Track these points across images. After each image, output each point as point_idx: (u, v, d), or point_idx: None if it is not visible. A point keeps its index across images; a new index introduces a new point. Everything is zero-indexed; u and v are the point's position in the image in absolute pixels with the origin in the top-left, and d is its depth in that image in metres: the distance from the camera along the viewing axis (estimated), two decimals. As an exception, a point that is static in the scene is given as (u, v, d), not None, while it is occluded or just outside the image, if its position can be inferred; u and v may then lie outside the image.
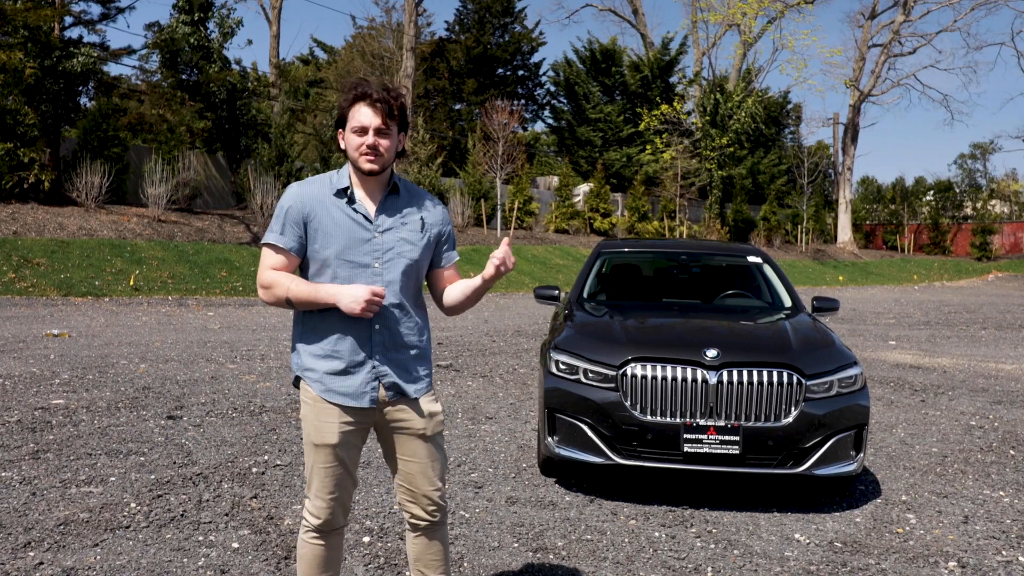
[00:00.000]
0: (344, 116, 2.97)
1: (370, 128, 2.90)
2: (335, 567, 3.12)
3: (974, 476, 6.05)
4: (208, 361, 10.12)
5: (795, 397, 4.97)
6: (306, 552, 3.06)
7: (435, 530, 3.12)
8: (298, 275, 3.00)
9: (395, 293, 2.98)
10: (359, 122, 2.91)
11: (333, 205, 2.97)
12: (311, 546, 3.04)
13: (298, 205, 2.96)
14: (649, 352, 5.10)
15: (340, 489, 3.00)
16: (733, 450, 4.93)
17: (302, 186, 3.03)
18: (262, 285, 2.96)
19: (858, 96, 46.06)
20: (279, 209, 3.00)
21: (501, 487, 5.43)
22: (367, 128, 2.90)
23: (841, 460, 5.09)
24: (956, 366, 11.92)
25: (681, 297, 7.06)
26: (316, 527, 3.01)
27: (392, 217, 3.03)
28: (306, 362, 2.99)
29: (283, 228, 2.96)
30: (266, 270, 2.95)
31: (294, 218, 2.96)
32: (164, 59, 23.42)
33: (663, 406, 5.00)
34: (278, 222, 2.98)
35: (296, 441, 6.41)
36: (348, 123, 2.95)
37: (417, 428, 3.02)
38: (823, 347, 5.38)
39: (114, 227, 19.39)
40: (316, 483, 2.98)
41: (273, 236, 2.96)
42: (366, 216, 2.99)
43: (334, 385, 2.95)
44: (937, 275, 42.68)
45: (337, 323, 2.92)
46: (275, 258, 2.96)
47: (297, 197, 2.98)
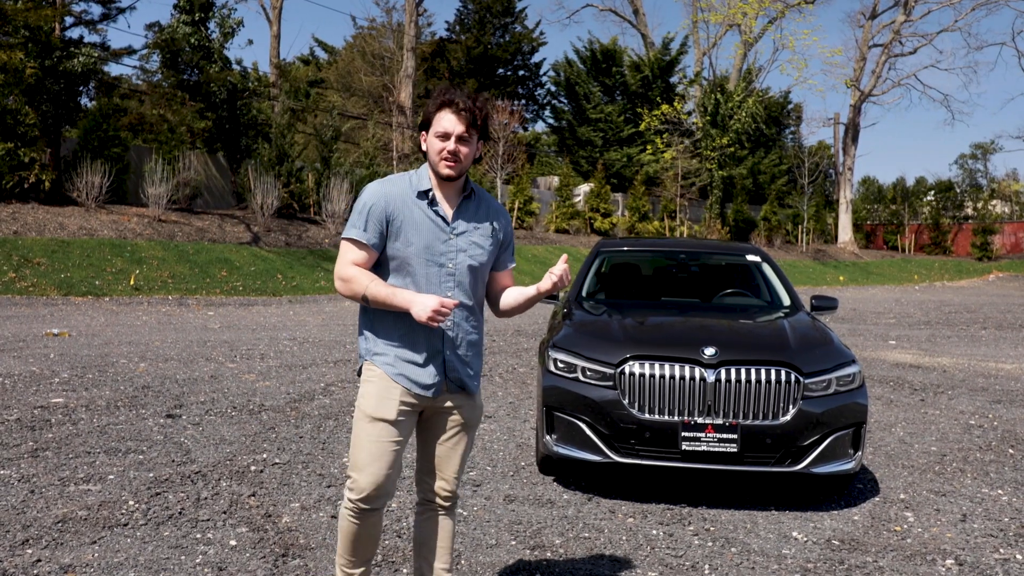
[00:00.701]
0: (429, 120, 3.09)
1: (453, 135, 3.02)
2: (372, 546, 3.22)
3: (972, 475, 6.05)
4: (208, 360, 10.12)
5: (793, 395, 4.97)
6: (347, 527, 3.15)
7: (447, 513, 3.29)
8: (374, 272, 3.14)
9: (465, 293, 3.16)
10: (443, 128, 3.04)
11: (415, 205, 3.11)
12: (350, 522, 3.13)
13: (381, 203, 3.09)
14: (647, 350, 5.10)
15: (389, 466, 3.07)
16: (731, 448, 4.93)
17: (383, 185, 3.15)
18: (341, 277, 3.07)
19: (859, 96, 46.05)
20: (361, 205, 3.10)
21: (499, 485, 5.43)
22: (450, 134, 3.03)
23: (839, 458, 5.09)
24: (956, 365, 11.92)
25: (680, 296, 7.06)
26: (359, 500, 3.08)
27: (468, 221, 3.18)
28: (377, 348, 3.13)
29: (366, 224, 3.07)
30: (347, 264, 3.08)
31: (377, 215, 3.08)
32: (165, 59, 23.43)
33: (661, 404, 5.00)
34: (360, 218, 3.08)
35: (295, 439, 6.41)
36: (432, 127, 3.07)
37: (464, 418, 3.23)
38: (821, 345, 5.38)
39: (114, 227, 19.40)
40: (364, 457, 3.06)
41: (356, 231, 3.08)
42: (444, 218, 3.13)
43: (406, 371, 3.10)
44: (938, 275, 42.68)
45: (412, 318, 3.02)
46: (356, 253, 3.09)
47: (380, 195, 3.10)
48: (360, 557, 3.21)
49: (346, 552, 3.20)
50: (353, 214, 3.11)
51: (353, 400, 8.08)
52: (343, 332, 13.48)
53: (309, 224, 24.40)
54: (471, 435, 3.28)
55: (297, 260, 21.45)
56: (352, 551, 3.19)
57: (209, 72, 23.60)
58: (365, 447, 3.06)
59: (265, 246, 21.52)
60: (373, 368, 3.12)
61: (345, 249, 3.11)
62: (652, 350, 5.11)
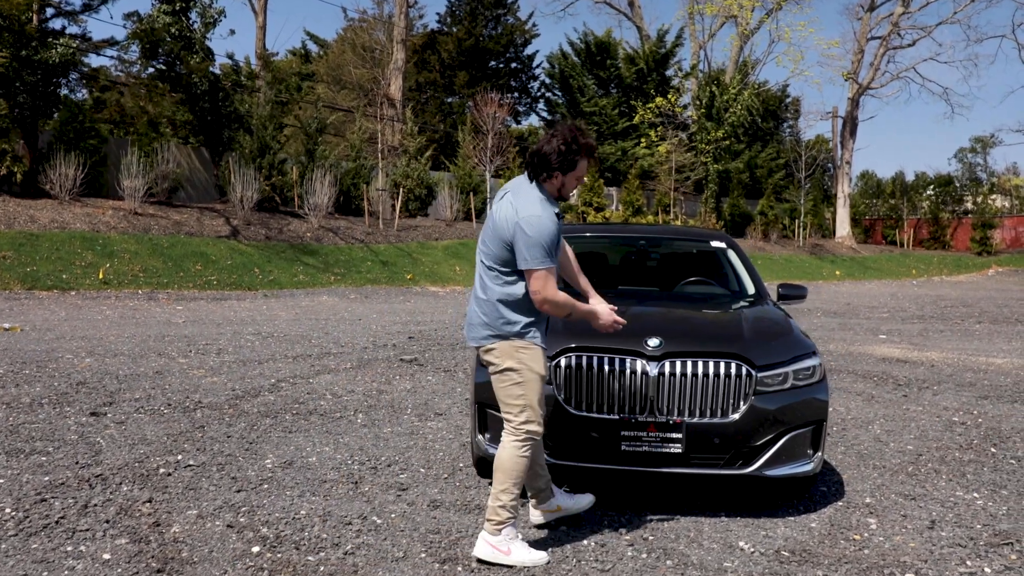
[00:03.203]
0: (574, 163, 3.82)
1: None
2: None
3: (948, 476, 5.59)
4: (160, 355, 9.68)
5: (744, 390, 4.51)
6: (524, 461, 3.92)
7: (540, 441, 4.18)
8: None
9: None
10: (583, 174, 3.93)
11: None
12: (526, 456, 3.93)
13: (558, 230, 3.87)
14: (585, 341, 4.64)
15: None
16: (675, 449, 4.48)
17: (548, 210, 3.81)
18: (555, 303, 3.83)
19: (857, 89, 45.49)
20: (550, 236, 3.76)
21: (428, 489, 4.99)
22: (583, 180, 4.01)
23: (796, 459, 4.63)
24: (945, 360, 11.46)
25: (640, 284, 6.59)
26: (539, 435, 3.96)
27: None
28: (530, 329, 3.95)
29: (553, 252, 3.82)
30: (557, 292, 3.83)
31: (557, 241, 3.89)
32: (144, 50, 22.93)
33: (599, 401, 4.55)
34: (552, 246, 3.77)
35: (221, 439, 5.97)
36: (574, 172, 3.86)
37: None
38: (778, 336, 4.91)
39: (88, 220, 18.94)
40: (538, 404, 3.93)
41: (550, 261, 3.78)
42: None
43: (543, 341, 4.03)
44: (936, 270, 42.16)
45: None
46: (553, 277, 3.86)
47: (555, 223, 3.82)
48: (521, 482, 3.96)
49: (519, 482, 3.92)
50: (541, 244, 3.73)
51: (299, 397, 7.64)
52: (312, 327, 13.04)
53: (291, 218, 23.91)
54: None
55: (276, 254, 20.98)
56: (522, 478, 3.93)
57: (190, 63, 23.11)
58: (538, 398, 3.91)
59: (244, 240, 21.05)
60: (532, 343, 3.93)
61: (549, 278, 3.79)
62: (590, 341, 4.64)
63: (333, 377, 8.76)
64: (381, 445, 6.01)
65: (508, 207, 3.83)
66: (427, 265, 23.78)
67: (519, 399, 3.90)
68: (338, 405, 7.37)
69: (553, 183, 3.86)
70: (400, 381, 8.66)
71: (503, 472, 3.89)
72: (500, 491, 3.89)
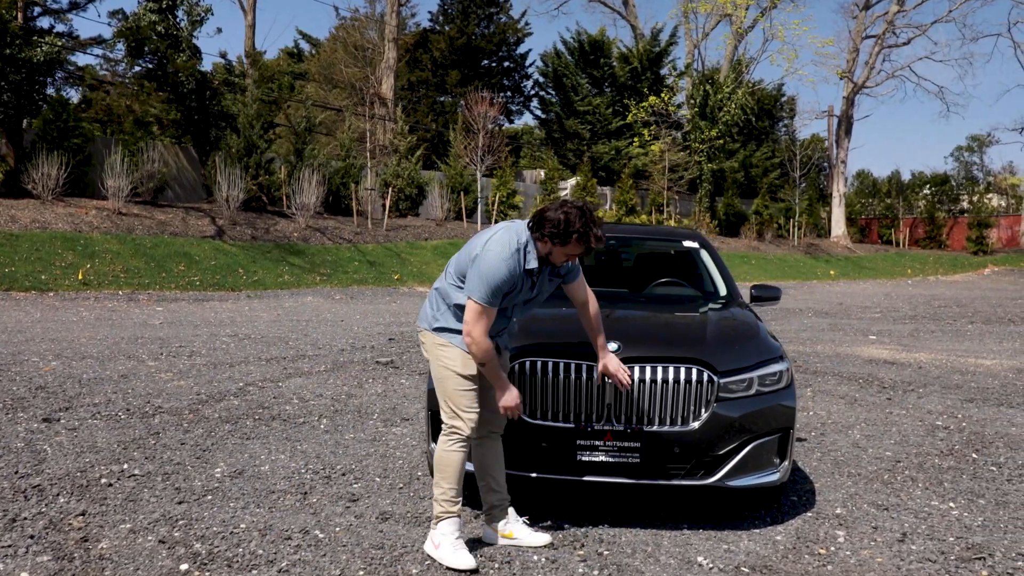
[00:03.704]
0: (567, 240, 3.85)
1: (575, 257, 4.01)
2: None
3: (924, 484, 5.39)
4: (129, 358, 9.47)
5: (705, 397, 4.31)
6: (459, 457, 3.95)
7: (499, 439, 4.19)
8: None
9: None
10: (574, 253, 3.95)
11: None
12: (461, 452, 3.96)
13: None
14: (541, 345, 4.44)
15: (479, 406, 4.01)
16: (633, 458, 4.28)
17: (512, 259, 3.87)
18: (478, 344, 3.86)
19: (852, 88, 45.29)
20: (498, 281, 3.83)
21: (380, 500, 4.78)
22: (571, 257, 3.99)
23: (761, 469, 4.43)
24: (933, 361, 11.27)
25: (609, 286, 6.38)
26: (463, 433, 3.94)
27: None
28: (456, 336, 3.99)
29: (497, 297, 3.89)
30: (485, 335, 3.89)
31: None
32: (130, 48, 22.69)
33: (555, 407, 4.35)
34: (497, 291, 3.86)
35: (174, 447, 5.76)
36: (565, 248, 3.88)
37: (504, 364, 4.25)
38: (743, 340, 4.71)
39: (70, 220, 18.71)
40: (461, 403, 3.94)
41: (490, 302, 3.85)
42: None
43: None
44: (932, 269, 41.97)
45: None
46: (487, 319, 3.93)
47: (512, 274, 3.88)
48: (460, 485, 3.97)
49: (451, 478, 3.94)
50: (486, 286, 3.80)
51: (265, 401, 7.43)
52: (292, 328, 12.83)
53: (279, 217, 23.67)
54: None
55: (261, 254, 20.75)
56: (454, 475, 3.93)
57: (176, 61, 22.88)
58: (462, 395, 3.94)
59: (229, 240, 20.82)
60: (448, 342, 3.98)
61: (482, 315, 3.85)
62: (547, 345, 4.44)
63: (304, 380, 8.55)
64: (340, 452, 5.81)
65: (488, 234, 3.95)
66: (415, 265, 23.56)
67: (441, 394, 4.02)
68: (303, 410, 7.17)
69: (542, 246, 3.90)
70: (372, 384, 8.46)
71: (436, 467, 4.00)
72: (435, 485, 4.00)
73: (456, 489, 3.97)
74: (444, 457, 3.95)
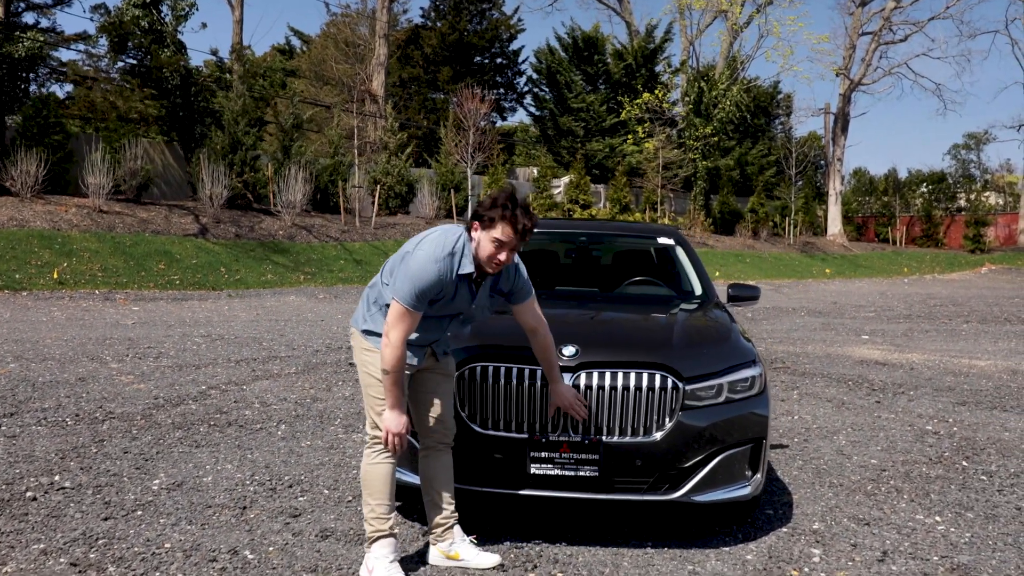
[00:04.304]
0: (492, 222, 3.53)
1: (507, 247, 3.59)
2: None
3: (910, 496, 5.06)
4: (92, 360, 9.14)
5: (670, 405, 3.98)
6: (387, 469, 3.68)
7: (448, 451, 3.87)
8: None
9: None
10: (499, 237, 3.55)
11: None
12: (380, 466, 3.67)
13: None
14: (493, 349, 4.11)
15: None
16: (591, 472, 3.94)
17: (445, 264, 3.57)
18: (392, 348, 3.52)
19: (848, 85, 44.96)
20: (426, 284, 3.54)
21: (324, 515, 4.45)
22: (505, 245, 3.57)
23: (731, 482, 4.10)
24: (926, 362, 10.95)
25: (580, 285, 6.06)
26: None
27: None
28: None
29: (422, 301, 3.63)
30: (402, 342, 3.56)
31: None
32: (113, 43, 22.32)
33: (506, 416, 4.02)
34: (423, 295, 3.58)
35: (116, 456, 5.44)
36: (490, 230, 3.54)
37: (448, 371, 3.97)
38: (713, 343, 4.38)
39: (49, 218, 18.35)
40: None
41: (413, 306, 3.56)
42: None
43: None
44: (929, 268, 41.66)
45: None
46: (408, 323, 3.63)
47: (440, 279, 3.58)
48: (391, 501, 3.67)
49: (378, 494, 3.64)
50: (412, 288, 3.50)
51: (224, 406, 7.10)
52: (269, 328, 12.50)
53: (264, 215, 23.30)
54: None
55: (245, 252, 20.39)
56: (382, 491, 3.64)
57: (161, 57, 22.52)
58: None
59: (213, 238, 20.46)
60: (373, 347, 3.67)
61: (404, 318, 3.54)
62: (499, 349, 4.11)
63: (270, 383, 8.22)
64: (292, 462, 5.47)
65: (424, 234, 3.71)
66: (404, 264, 23.20)
67: (366, 402, 3.75)
68: (263, 415, 6.84)
69: (473, 235, 3.61)
70: (341, 388, 8.13)
71: (363, 483, 3.72)
72: (363, 503, 3.72)
73: (387, 505, 3.66)
74: (370, 471, 3.67)
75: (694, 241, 35.33)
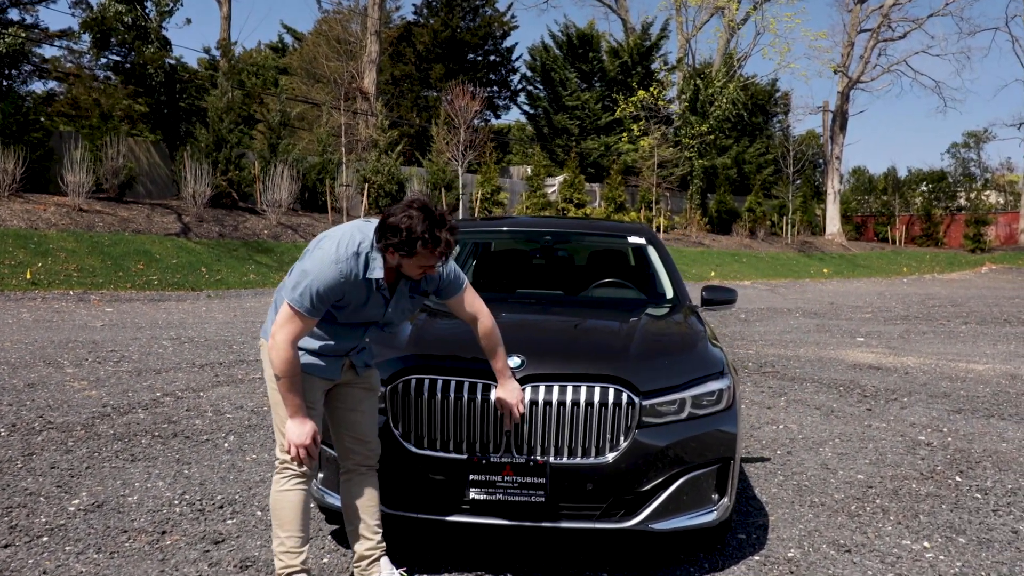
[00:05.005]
0: (412, 251, 3.06)
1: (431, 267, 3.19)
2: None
3: (897, 517, 4.66)
4: (47, 364, 8.73)
5: (625, 422, 3.57)
6: (288, 499, 3.27)
7: (373, 474, 3.49)
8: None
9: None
10: (425, 264, 3.15)
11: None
12: (290, 493, 3.27)
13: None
14: (429, 360, 3.70)
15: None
16: (537, 497, 3.53)
17: (348, 265, 3.15)
18: (280, 354, 3.13)
19: (846, 83, 44.52)
20: (324, 286, 3.14)
21: (249, 541, 4.04)
22: (429, 267, 3.19)
23: (694, 507, 3.68)
24: (921, 366, 10.53)
25: (543, 287, 5.64)
26: (304, 473, 3.27)
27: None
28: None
29: (317, 307, 3.21)
30: (290, 346, 3.17)
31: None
32: (95, 39, 21.92)
33: (444, 435, 3.60)
34: (319, 300, 3.17)
35: (41, 472, 5.04)
36: (413, 259, 3.11)
37: (372, 385, 3.59)
38: (676, 352, 3.97)
39: (26, 217, 17.94)
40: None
41: (307, 310, 3.16)
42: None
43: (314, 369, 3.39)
44: (928, 267, 41.23)
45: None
46: (298, 326, 3.27)
47: (341, 280, 3.17)
48: (305, 532, 3.30)
49: (288, 526, 3.26)
50: (307, 289, 3.12)
51: (175, 414, 6.69)
52: (244, 330, 12.09)
53: (249, 215, 22.88)
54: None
55: (227, 252, 19.97)
56: (292, 522, 3.26)
57: (144, 53, 22.11)
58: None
59: (195, 237, 20.05)
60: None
61: (293, 322, 3.18)
62: (436, 360, 3.70)
63: (231, 389, 7.81)
64: (230, 478, 5.07)
65: (324, 235, 3.28)
66: (393, 264, 22.81)
67: (275, 422, 3.34)
68: (213, 425, 6.43)
69: (390, 257, 3.16)
70: (303, 394, 7.71)
71: (272, 512, 3.32)
72: (272, 536, 3.34)
73: (298, 537, 3.30)
74: (279, 500, 3.29)
75: (690, 240, 34.94)
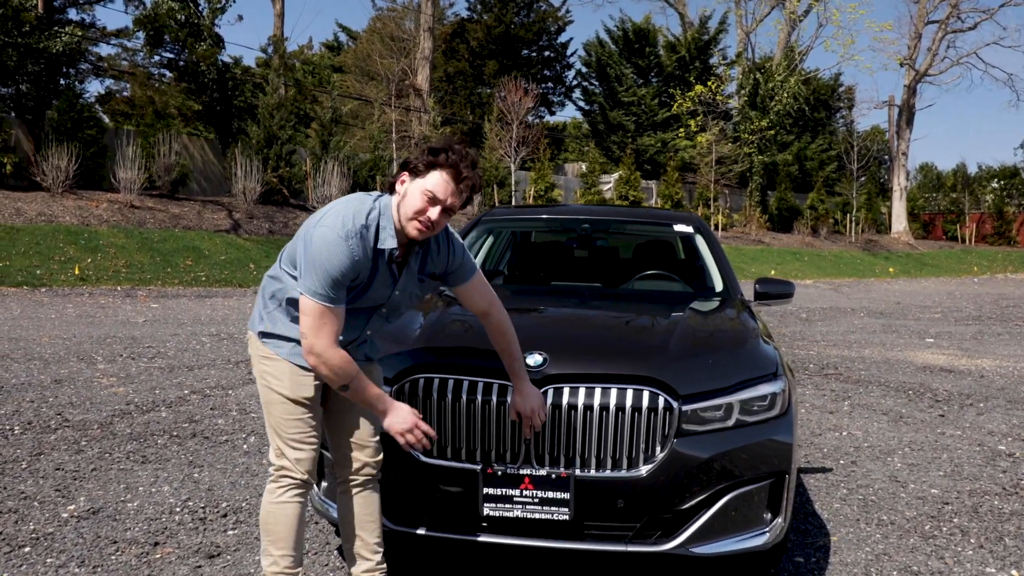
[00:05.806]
0: (427, 168, 2.77)
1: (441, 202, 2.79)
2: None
3: (979, 540, 4.10)
4: (80, 360, 8.56)
5: (662, 429, 3.09)
6: (282, 511, 2.91)
7: (375, 485, 3.10)
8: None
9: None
10: (432, 188, 2.76)
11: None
12: (286, 505, 2.91)
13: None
14: (440, 359, 3.27)
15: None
16: (561, 514, 3.08)
17: (355, 241, 2.77)
18: (328, 361, 2.77)
19: (913, 76, 42.98)
20: (336, 269, 2.77)
21: (247, 556, 3.67)
22: (438, 200, 2.79)
23: (743, 529, 3.19)
24: (998, 369, 9.80)
25: (581, 280, 5.18)
26: (293, 476, 2.92)
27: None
28: (281, 345, 2.92)
29: (337, 292, 2.89)
30: (333, 346, 2.84)
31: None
32: (148, 37, 22.07)
33: (455, 443, 3.18)
34: (336, 283, 2.85)
35: (47, 474, 4.77)
36: (422, 179, 2.78)
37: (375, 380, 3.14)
38: (723, 351, 3.47)
39: (79, 213, 18.06)
40: (290, 436, 2.91)
41: (330, 300, 2.79)
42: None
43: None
44: (1000, 267, 39.59)
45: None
46: (331, 325, 2.96)
47: (353, 260, 2.81)
48: (299, 551, 2.96)
49: (280, 542, 2.91)
50: (319, 275, 2.72)
51: (198, 413, 6.40)
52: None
53: (300, 211, 22.82)
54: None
55: (276, 248, 19.88)
56: (285, 537, 2.91)
57: (197, 51, 22.18)
58: (292, 425, 2.92)
59: (245, 234, 20.01)
60: (274, 354, 2.91)
61: (324, 319, 2.83)
62: (448, 359, 3.27)
63: (260, 387, 7.51)
64: (241, 484, 4.72)
65: (326, 209, 2.84)
66: (443, 261, 22.57)
67: (267, 424, 2.96)
68: (236, 425, 6.12)
69: (399, 188, 2.82)
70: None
71: (262, 526, 2.95)
72: (262, 553, 2.97)
73: (292, 557, 2.93)
74: (273, 512, 2.91)
75: (749, 238, 34.03)
